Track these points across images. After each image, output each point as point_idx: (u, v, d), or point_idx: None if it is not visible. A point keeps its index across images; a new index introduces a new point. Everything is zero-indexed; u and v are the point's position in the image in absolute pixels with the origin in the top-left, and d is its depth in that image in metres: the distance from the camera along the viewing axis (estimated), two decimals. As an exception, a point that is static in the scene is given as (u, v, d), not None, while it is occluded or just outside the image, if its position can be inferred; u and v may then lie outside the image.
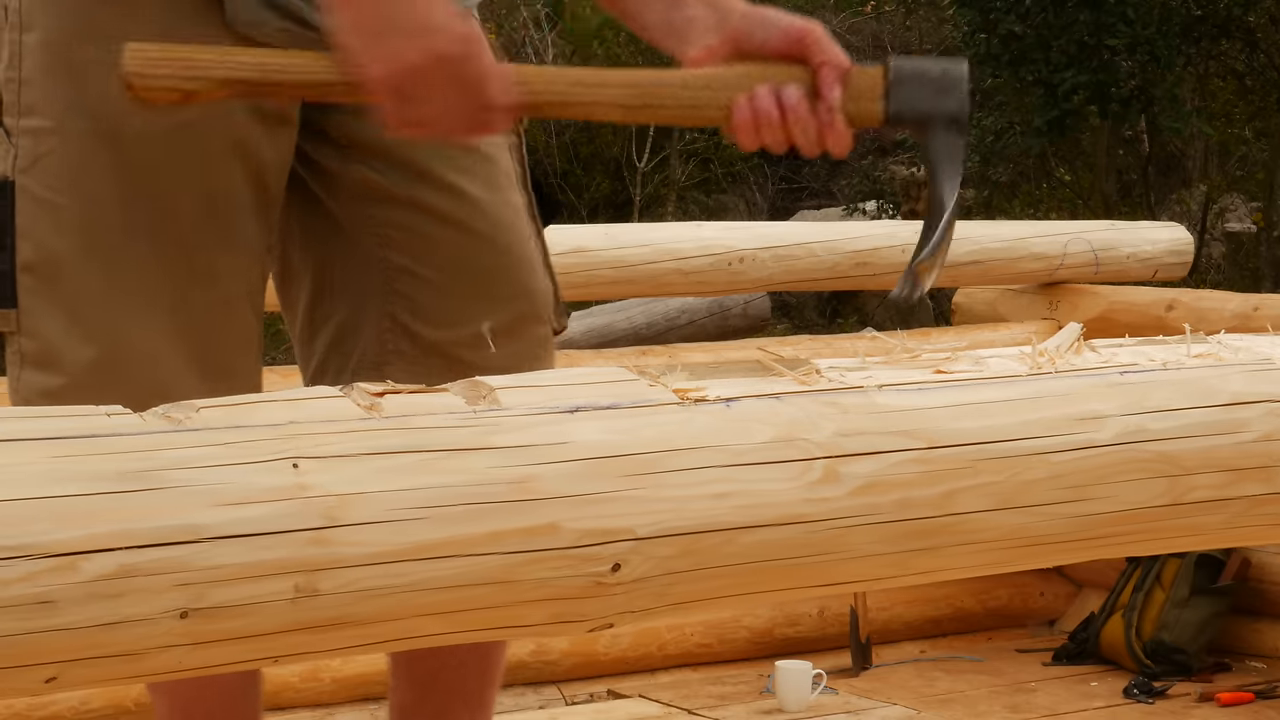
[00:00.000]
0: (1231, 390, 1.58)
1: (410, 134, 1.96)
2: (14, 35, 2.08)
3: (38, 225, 2.06)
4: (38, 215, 2.06)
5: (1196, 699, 4.37)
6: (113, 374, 2.05)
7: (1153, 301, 5.04)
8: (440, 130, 1.96)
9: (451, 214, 2.20)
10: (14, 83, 2.08)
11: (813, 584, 1.46)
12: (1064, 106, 10.67)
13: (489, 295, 2.22)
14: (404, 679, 2.35)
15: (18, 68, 2.08)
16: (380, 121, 1.94)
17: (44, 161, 2.07)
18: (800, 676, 4.25)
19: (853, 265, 4.94)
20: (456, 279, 2.21)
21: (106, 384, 2.00)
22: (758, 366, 1.50)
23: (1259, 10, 11.06)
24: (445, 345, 2.20)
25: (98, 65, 2.03)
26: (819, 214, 13.13)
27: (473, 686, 2.34)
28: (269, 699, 4.14)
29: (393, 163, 2.19)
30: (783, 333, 11.10)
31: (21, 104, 2.08)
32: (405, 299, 2.21)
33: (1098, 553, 1.59)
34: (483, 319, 2.22)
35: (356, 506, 1.24)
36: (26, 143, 2.07)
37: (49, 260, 2.06)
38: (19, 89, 2.08)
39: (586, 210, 13.80)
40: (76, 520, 1.15)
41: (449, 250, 2.21)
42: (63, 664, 1.18)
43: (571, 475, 1.31)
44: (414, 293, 2.20)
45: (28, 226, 2.06)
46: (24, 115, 2.08)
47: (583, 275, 4.62)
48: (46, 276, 2.06)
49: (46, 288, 2.06)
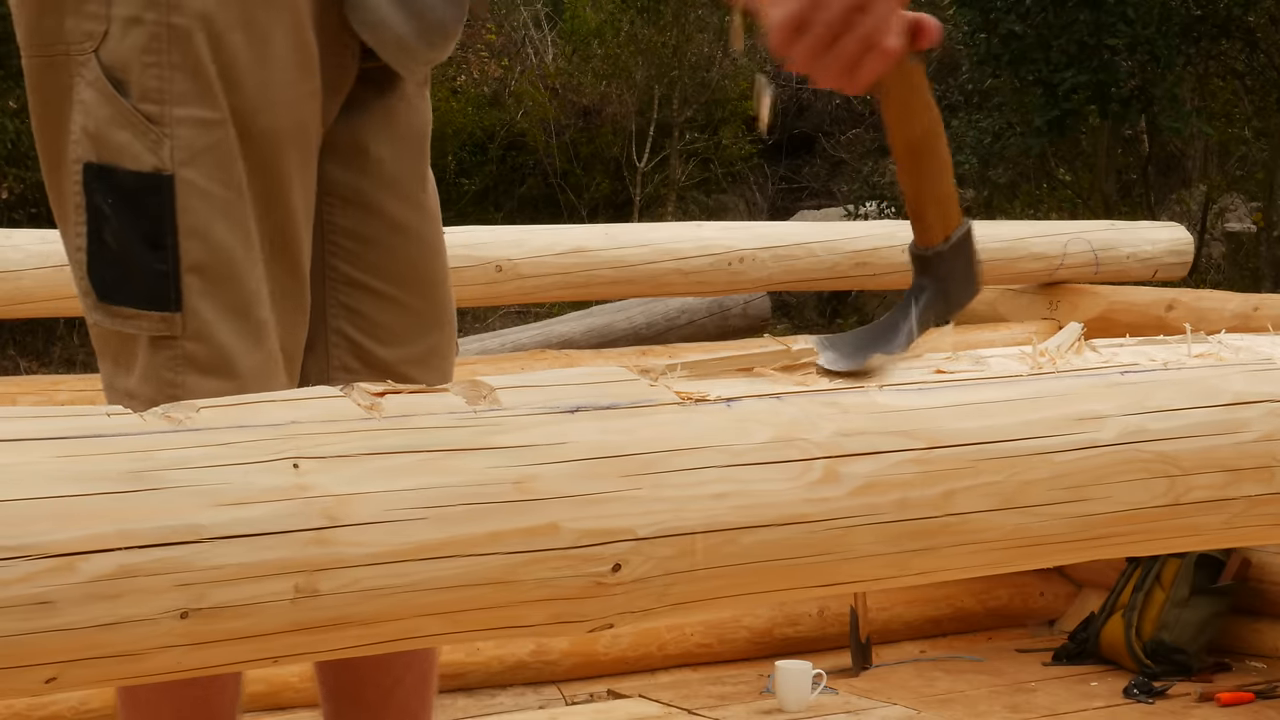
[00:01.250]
0: (1232, 390, 1.58)
1: (805, 68, 1.66)
2: (158, 15, 1.95)
3: (210, 223, 1.94)
4: (208, 212, 1.94)
5: (1196, 699, 4.37)
6: (271, 379, 1.97)
7: (1153, 301, 5.04)
8: (837, 65, 1.65)
9: (406, 222, 2.14)
10: (159, 67, 1.95)
11: (812, 584, 1.46)
12: (1064, 106, 10.68)
13: (433, 309, 2.17)
14: (331, 695, 2.30)
15: (164, 51, 1.95)
16: (783, 58, 1.67)
17: (211, 153, 1.95)
18: (800, 676, 4.25)
19: (853, 265, 4.95)
20: (410, 293, 2.15)
21: (266, 389, 1.92)
22: (747, 361, 1.50)
23: (1259, 10, 11.06)
24: (395, 364, 2.13)
25: (245, 54, 1.96)
26: (819, 214, 13.13)
27: (412, 702, 2.29)
28: (269, 699, 4.15)
29: (363, 163, 2.13)
30: (782, 333, 11.10)
31: (173, 91, 1.95)
32: (352, 313, 2.13)
33: (1098, 553, 1.59)
34: (427, 335, 2.15)
35: (357, 506, 1.24)
36: (185, 133, 1.94)
37: (221, 261, 1.94)
38: (168, 74, 1.95)
39: (586, 210, 13.80)
40: (76, 520, 1.15)
41: (400, 262, 2.14)
42: (62, 664, 1.18)
43: (572, 475, 1.31)
44: (363, 307, 2.13)
45: (195, 224, 1.94)
46: (177, 104, 1.94)
47: (583, 275, 4.62)
48: (216, 278, 1.95)
49: (216, 290, 1.95)
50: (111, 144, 1.95)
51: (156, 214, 1.94)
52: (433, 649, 2.31)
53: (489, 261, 4.47)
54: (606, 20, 14.38)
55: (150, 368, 1.97)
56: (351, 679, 2.28)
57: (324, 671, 2.31)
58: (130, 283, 1.96)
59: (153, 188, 1.94)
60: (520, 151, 14.22)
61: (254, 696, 4.10)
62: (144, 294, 1.95)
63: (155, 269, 1.94)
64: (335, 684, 2.31)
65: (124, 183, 1.95)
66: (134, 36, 1.95)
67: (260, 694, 4.13)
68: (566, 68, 14.54)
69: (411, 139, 2.18)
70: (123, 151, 1.95)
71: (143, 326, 1.96)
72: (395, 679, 2.27)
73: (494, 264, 4.47)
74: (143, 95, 1.95)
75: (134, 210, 1.95)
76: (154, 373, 1.96)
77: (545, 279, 4.58)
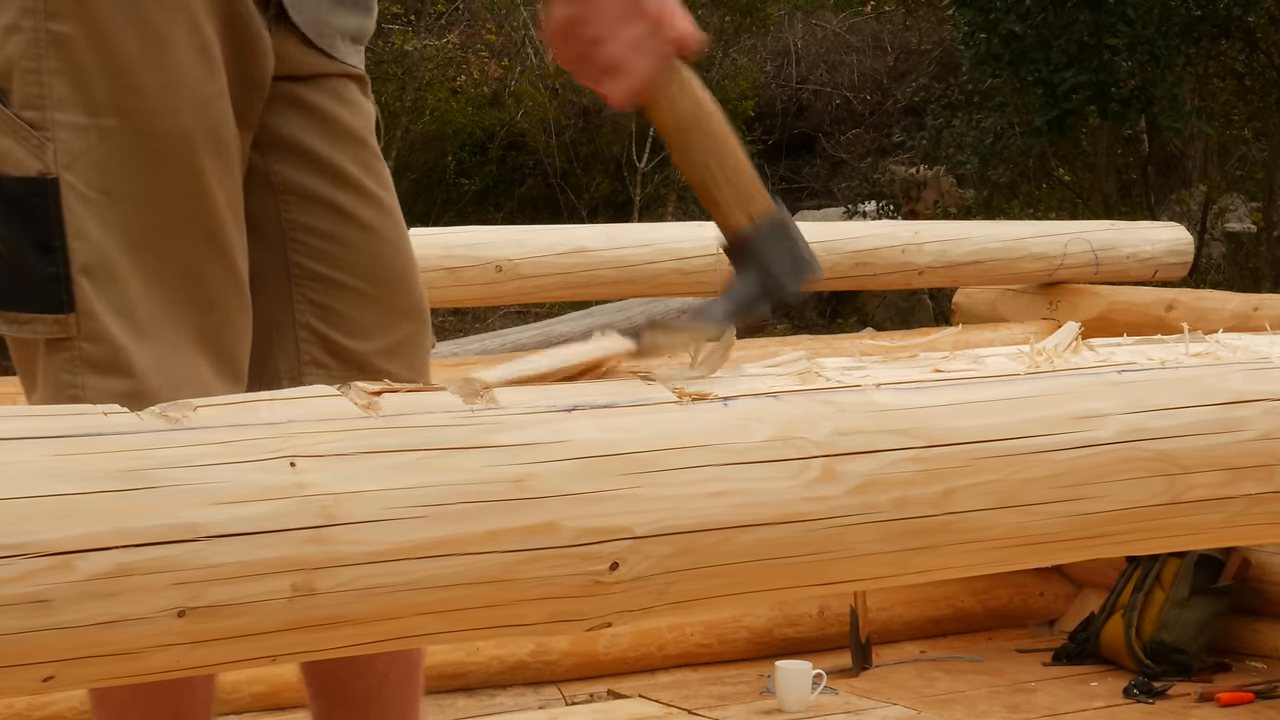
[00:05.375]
0: (1230, 389, 1.58)
1: (580, 68, 1.75)
2: (35, 22, 1.97)
3: (89, 225, 1.96)
4: (87, 214, 1.96)
5: (1196, 699, 4.37)
6: (170, 377, 1.98)
7: (1153, 301, 5.04)
8: (617, 62, 1.73)
9: (366, 218, 2.15)
10: (37, 73, 1.96)
11: (811, 583, 1.46)
12: (1064, 106, 10.67)
13: (401, 301, 2.18)
14: (319, 693, 2.31)
15: (42, 58, 1.96)
16: (554, 55, 1.77)
17: (88, 157, 1.96)
18: (800, 676, 4.25)
19: (853, 265, 4.94)
20: (374, 286, 2.16)
21: (169, 387, 1.93)
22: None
23: (1259, 10, 11.06)
24: (365, 356, 2.14)
25: (139, 58, 1.98)
26: (819, 214, 13.13)
27: (399, 698, 2.29)
28: (269, 699, 4.15)
29: (311, 162, 2.14)
30: (783, 333, 11.09)
31: (53, 97, 1.96)
32: (321, 308, 2.14)
33: (1097, 552, 1.59)
34: (396, 326, 2.16)
35: (354, 505, 1.24)
36: (66, 137, 1.96)
37: (103, 262, 1.96)
38: (47, 80, 1.96)
39: (586, 210, 13.80)
40: (73, 519, 1.15)
41: (365, 256, 2.15)
42: (60, 663, 1.18)
43: (569, 474, 1.31)
44: (331, 301, 2.14)
45: (80, 226, 1.96)
46: (58, 109, 1.96)
47: (583, 275, 4.62)
48: (102, 279, 1.96)
49: (102, 290, 1.96)
50: None
51: (43, 218, 1.96)
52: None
53: (489, 261, 4.46)
54: (607, 20, 14.34)
55: (49, 372, 1.99)
56: (338, 675, 2.28)
57: (310, 670, 2.31)
58: (24, 288, 1.97)
59: (38, 192, 1.96)
60: (520, 151, 14.22)
61: (254, 696, 4.10)
62: (37, 298, 1.97)
63: (46, 272, 1.96)
64: (322, 682, 2.31)
65: (9, 189, 1.97)
66: (13, 44, 1.97)
67: (260, 694, 4.13)
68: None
69: (354, 138, 2.19)
70: (6, 158, 1.97)
71: (39, 330, 1.98)
72: (382, 675, 2.27)
73: (494, 264, 4.47)
74: (24, 102, 1.97)
75: (21, 215, 1.97)
76: (53, 376, 1.98)
77: (545, 279, 4.58)
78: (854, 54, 15.41)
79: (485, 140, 14.05)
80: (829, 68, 15.49)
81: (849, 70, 15.39)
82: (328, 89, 2.18)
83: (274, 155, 2.13)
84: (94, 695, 2.17)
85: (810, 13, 15.82)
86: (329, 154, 2.15)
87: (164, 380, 1.97)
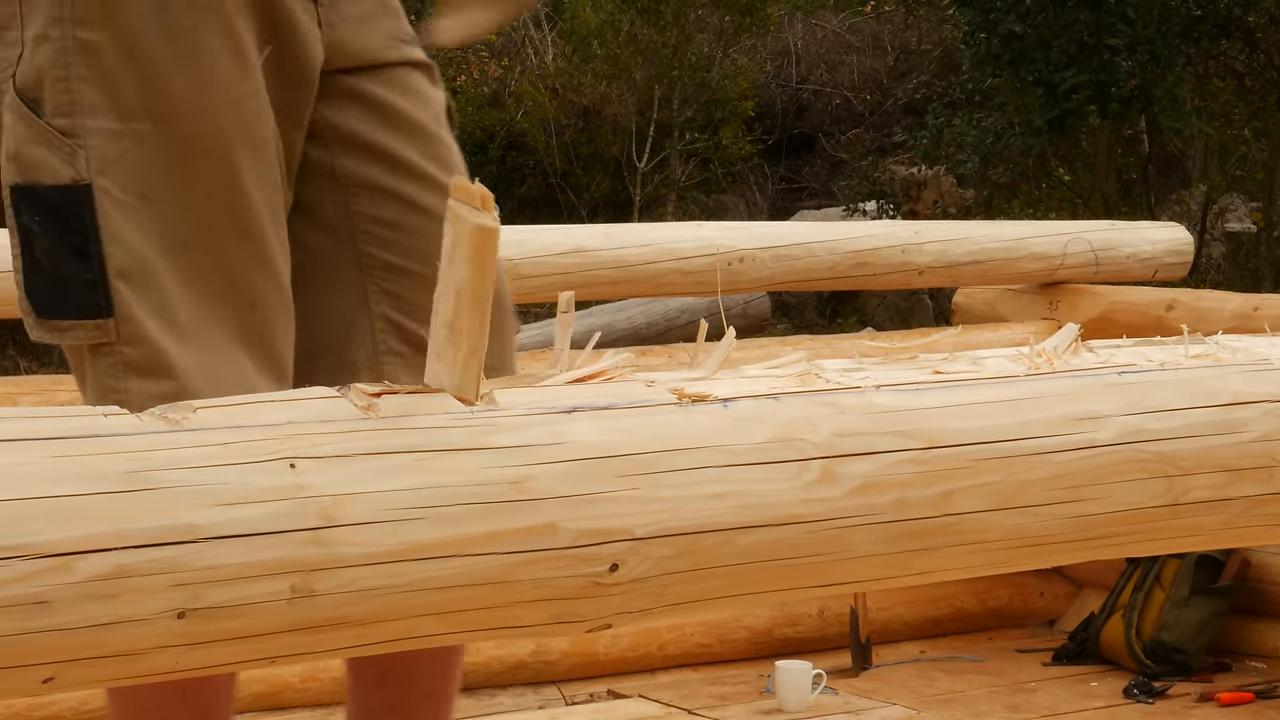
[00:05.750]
0: (1230, 390, 1.58)
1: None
2: (63, 31, 1.98)
3: (125, 230, 1.97)
4: (122, 219, 1.98)
5: (1196, 699, 4.37)
6: (212, 378, 1.98)
7: (1153, 301, 5.04)
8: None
9: (433, 206, 2.15)
10: (67, 81, 1.98)
11: (811, 584, 1.45)
12: (1064, 106, 10.68)
13: None
14: (363, 679, 2.31)
15: (71, 65, 1.98)
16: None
17: (121, 162, 1.98)
18: (800, 676, 4.25)
19: (853, 265, 4.94)
20: None
21: (211, 388, 1.94)
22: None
23: (1259, 10, 11.06)
24: None
25: (169, 61, 1.99)
26: (819, 214, 13.14)
27: (434, 684, 2.31)
28: (268, 699, 4.15)
29: (373, 154, 2.16)
30: (783, 333, 11.10)
31: (83, 104, 1.98)
32: (394, 297, 2.16)
33: (1097, 553, 1.59)
34: None
35: (353, 506, 1.24)
36: (98, 144, 1.98)
37: (141, 266, 1.98)
38: (77, 87, 1.98)
39: (586, 210, 13.80)
40: (72, 520, 1.15)
41: (435, 244, 2.17)
42: (59, 664, 1.18)
43: (569, 475, 1.31)
44: (403, 290, 2.16)
45: (116, 231, 1.97)
46: (89, 116, 1.98)
47: (583, 275, 4.62)
48: (140, 283, 1.98)
49: (141, 294, 1.98)
50: (30, 162, 2.00)
51: (79, 224, 1.98)
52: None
53: (489, 261, 4.46)
54: (606, 20, 14.37)
55: (94, 377, 2.00)
56: (400, 668, 2.29)
57: (362, 664, 2.31)
58: (64, 295, 1.99)
59: (73, 199, 1.98)
60: (520, 151, 14.22)
61: (255, 696, 4.10)
62: (77, 304, 1.99)
63: (84, 278, 1.98)
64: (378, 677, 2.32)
65: (46, 198, 1.99)
66: (42, 54, 1.99)
67: (261, 694, 4.13)
68: (566, 68, 14.55)
69: (416, 128, 2.20)
70: (41, 167, 1.99)
71: (80, 336, 1.99)
72: (416, 658, 2.28)
73: (494, 264, 4.47)
74: (55, 110, 1.99)
75: (58, 224, 1.99)
76: (98, 381, 2.00)
77: (545, 279, 4.58)
78: (854, 54, 15.41)
79: (485, 140, 14.05)
80: (829, 68, 15.49)
81: (849, 70, 15.39)
82: (388, 79, 2.19)
83: (337, 150, 2.15)
84: (113, 699, 2.18)
85: (810, 13, 15.82)
86: (391, 145, 2.16)
87: (206, 381, 1.97)
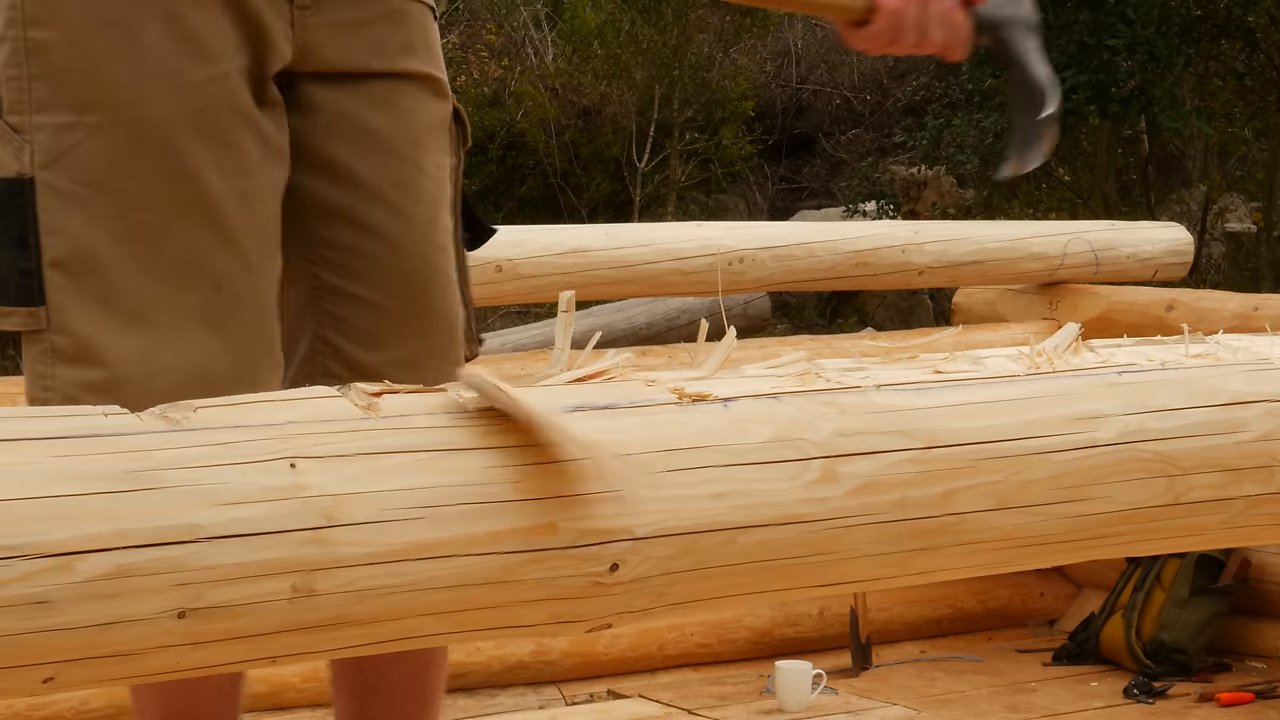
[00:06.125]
0: (1230, 390, 1.58)
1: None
2: (17, 31, 2.04)
3: (67, 220, 2.02)
4: (66, 210, 2.03)
5: (1196, 699, 4.37)
6: (152, 364, 2.02)
7: (1153, 301, 5.04)
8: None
9: (388, 230, 2.17)
10: (20, 79, 2.04)
11: (811, 584, 1.45)
12: (1064, 106, 10.68)
13: (422, 313, 2.19)
14: (344, 691, 2.33)
15: (23, 64, 2.04)
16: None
17: (73, 154, 2.02)
18: (800, 676, 4.25)
19: (853, 265, 4.95)
20: (390, 298, 2.17)
21: (148, 374, 1.99)
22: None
23: (1259, 10, 11.07)
24: (378, 367, 2.15)
25: (110, 52, 2.02)
26: (819, 214, 13.14)
27: (415, 695, 2.32)
28: (269, 699, 4.15)
29: (330, 172, 2.15)
30: (783, 333, 11.10)
31: (33, 100, 2.04)
32: (335, 319, 2.18)
33: (1097, 553, 1.59)
34: (413, 340, 2.19)
35: (354, 506, 1.24)
36: (44, 138, 2.03)
37: (81, 255, 2.02)
38: (28, 85, 2.04)
39: (586, 210, 13.81)
40: (73, 520, 1.15)
41: (383, 268, 2.17)
42: (60, 664, 1.18)
43: (569, 475, 1.31)
44: (345, 313, 2.17)
45: (55, 223, 2.02)
46: (37, 111, 2.03)
47: (583, 275, 4.62)
48: (78, 272, 2.02)
49: (77, 283, 2.02)
50: None
51: (20, 216, 2.03)
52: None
53: (489, 261, 4.46)
54: (607, 20, 14.38)
55: (27, 363, 2.07)
56: (373, 670, 2.30)
57: (340, 665, 2.32)
58: (4, 284, 2.06)
59: (15, 192, 2.04)
60: (520, 152, 14.22)
61: (255, 696, 4.10)
62: (14, 293, 2.05)
63: (22, 267, 2.04)
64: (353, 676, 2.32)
65: None
66: (0, 56, 2.06)
67: (261, 694, 4.13)
68: (566, 68, 14.55)
69: (383, 147, 2.18)
70: None
71: (15, 323, 2.05)
72: (400, 671, 2.29)
73: (494, 264, 4.47)
74: (9, 108, 2.05)
75: (4, 215, 2.05)
76: (29, 367, 2.06)
77: (545, 279, 4.58)
78: (854, 54, 15.40)
79: (485, 140, 14.05)
80: (829, 68, 15.50)
81: (849, 70, 15.40)
82: (366, 92, 2.17)
83: (299, 165, 2.15)
84: (136, 697, 2.21)
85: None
86: (351, 163, 2.15)
87: (145, 368, 2.01)
